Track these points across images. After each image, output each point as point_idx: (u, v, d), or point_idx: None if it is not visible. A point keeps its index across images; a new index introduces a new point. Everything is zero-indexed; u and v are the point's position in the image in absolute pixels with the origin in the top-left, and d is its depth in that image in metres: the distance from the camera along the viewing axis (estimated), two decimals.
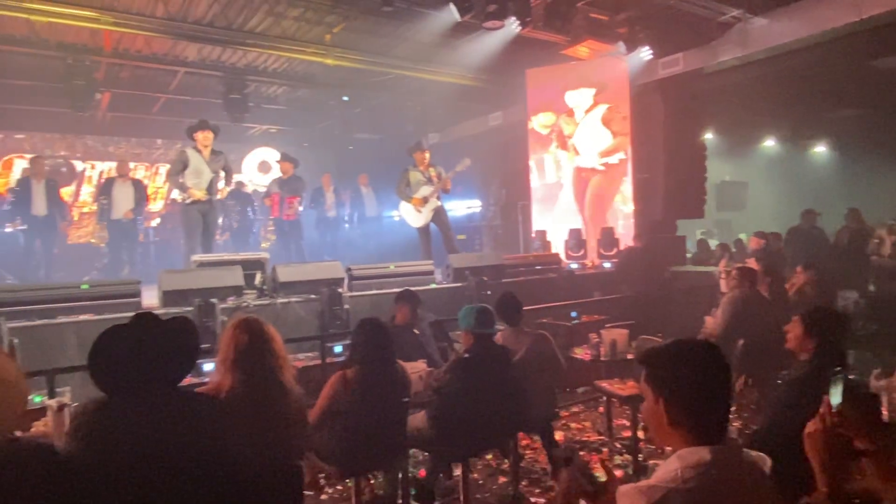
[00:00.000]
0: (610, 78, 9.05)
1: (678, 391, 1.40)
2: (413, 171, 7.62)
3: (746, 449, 1.46)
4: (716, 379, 1.40)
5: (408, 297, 4.71)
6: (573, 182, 9.50)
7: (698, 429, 1.37)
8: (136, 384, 1.63)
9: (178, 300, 4.86)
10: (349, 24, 8.29)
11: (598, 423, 5.15)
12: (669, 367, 1.43)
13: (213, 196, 6.42)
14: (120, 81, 10.08)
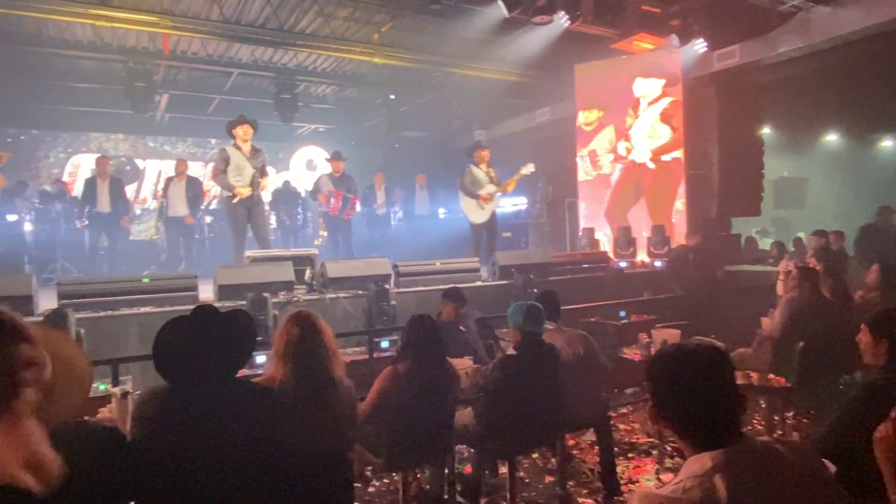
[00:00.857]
0: (662, 71, 8.82)
1: (667, 399, 1.38)
2: (475, 169, 7.69)
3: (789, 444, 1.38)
4: (706, 382, 1.34)
5: (452, 294, 4.72)
6: (622, 176, 9.31)
7: (695, 435, 1.33)
8: (197, 373, 1.69)
9: (232, 294, 5.01)
10: (397, 22, 8.36)
11: (647, 424, 5.03)
12: (659, 375, 1.40)
13: (256, 191, 6.48)
14: (177, 83, 10.47)
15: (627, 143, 9.27)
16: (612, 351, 5.26)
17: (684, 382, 1.35)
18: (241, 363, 1.82)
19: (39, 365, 1.34)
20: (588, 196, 9.61)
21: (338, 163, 8.41)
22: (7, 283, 4.56)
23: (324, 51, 8.86)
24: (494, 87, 10.17)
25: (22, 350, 1.32)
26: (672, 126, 8.84)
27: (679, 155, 8.78)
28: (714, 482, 1.22)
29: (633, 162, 9.23)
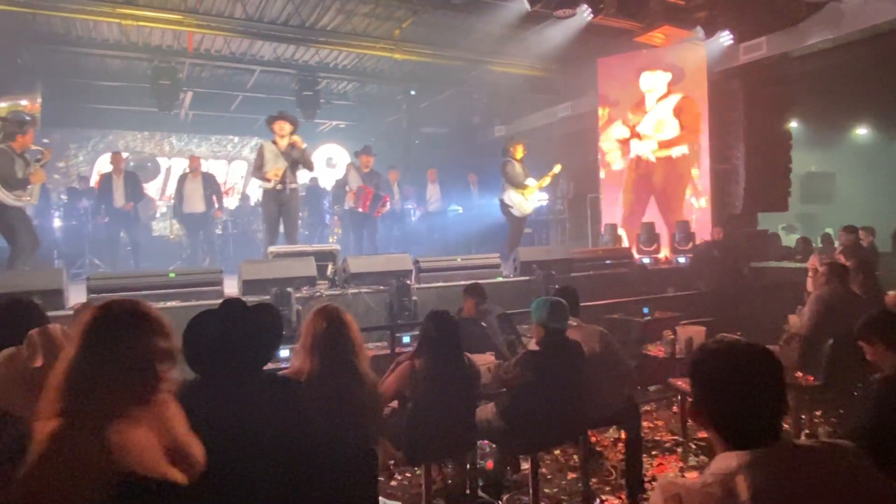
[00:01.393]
0: (686, 65, 8.69)
1: (706, 393, 1.34)
2: (513, 164, 7.69)
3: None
4: (752, 383, 1.30)
5: (472, 290, 4.72)
6: (629, 172, 9.23)
7: (731, 435, 1.30)
8: (225, 365, 1.71)
9: (256, 289, 5.06)
10: (418, 18, 8.36)
11: (671, 422, 4.97)
12: (703, 372, 1.36)
13: (289, 186, 6.48)
14: (201, 81, 10.60)
15: (635, 140, 9.21)
16: (635, 347, 5.21)
17: (729, 381, 1.32)
18: (269, 355, 1.83)
19: (174, 356, 1.42)
20: (609, 191, 9.53)
21: (368, 157, 8.22)
22: (39, 278, 4.67)
23: (345, 47, 8.90)
24: (515, 82, 10.12)
25: (159, 342, 1.39)
26: (681, 122, 8.73)
27: (686, 151, 8.69)
28: (735, 482, 1.20)
29: (640, 158, 9.15)
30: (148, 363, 1.38)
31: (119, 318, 1.41)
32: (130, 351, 1.37)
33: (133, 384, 1.37)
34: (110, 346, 1.36)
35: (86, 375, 1.33)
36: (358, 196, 7.97)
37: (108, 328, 1.39)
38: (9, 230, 5.68)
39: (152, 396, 1.41)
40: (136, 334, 1.40)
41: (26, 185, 5.67)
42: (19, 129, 5.71)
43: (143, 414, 1.39)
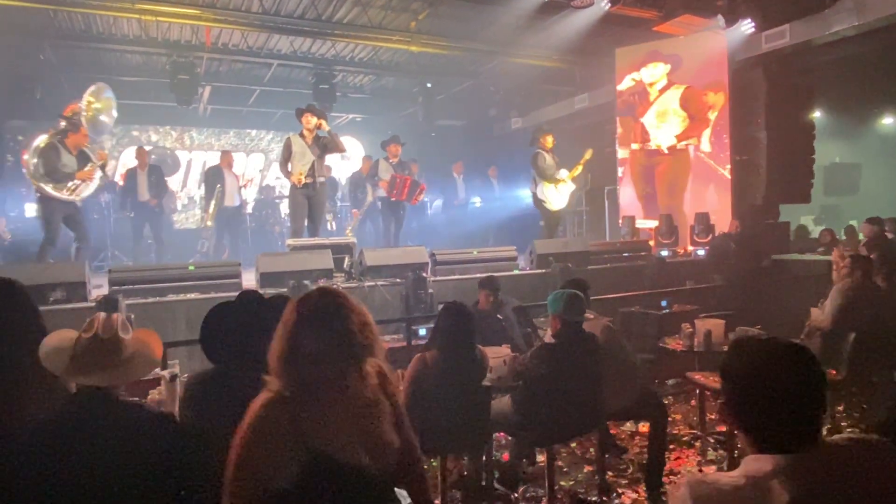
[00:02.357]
0: (706, 54, 8.55)
1: (742, 395, 1.29)
2: (543, 156, 7.62)
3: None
4: (791, 384, 1.24)
5: (486, 283, 4.72)
6: (632, 164, 9.14)
7: (767, 438, 1.25)
8: (243, 356, 1.73)
9: (273, 281, 5.11)
10: (434, 10, 8.32)
11: (689, 416, 4.93)
12: (738, 371, 1.31)
13: (318, 179, 6.48)
14: (219, 75, 10.68)
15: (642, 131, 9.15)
16: (653, 341, 5.17)
17: (768, 384, 1.25)
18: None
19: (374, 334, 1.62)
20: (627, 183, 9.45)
21: (396, 147, 8.10)
22: (62, 271, 4.76)
23: (361, 40, 8.90)
24: (532, 74, 10.05)
25: (354, 320, 1.56)
26: (689, 113, 8.61)
27: (693, 142, 8.58)
28: (770, 487, 1.16)
29: (645, 150, 9.05)
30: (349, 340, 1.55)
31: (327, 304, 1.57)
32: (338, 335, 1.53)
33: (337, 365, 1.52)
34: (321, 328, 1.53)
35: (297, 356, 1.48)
36: (393, 184, 7.85)
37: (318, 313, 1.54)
38: (44, 221, 5.99)
39: (355, 382, 1.56)
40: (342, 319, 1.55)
41: (69, 181, 5.92)
42: (73, 128, 5.98)
43: (343, 398, 1.52)
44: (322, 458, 1.46)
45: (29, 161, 5.84)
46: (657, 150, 9.00)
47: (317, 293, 1.59)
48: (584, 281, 3.90)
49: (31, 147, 5.89)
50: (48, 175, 5.81)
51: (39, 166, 5.79)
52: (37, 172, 5.78)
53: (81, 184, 6.01)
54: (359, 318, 1.57)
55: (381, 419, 1.62)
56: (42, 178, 5.78)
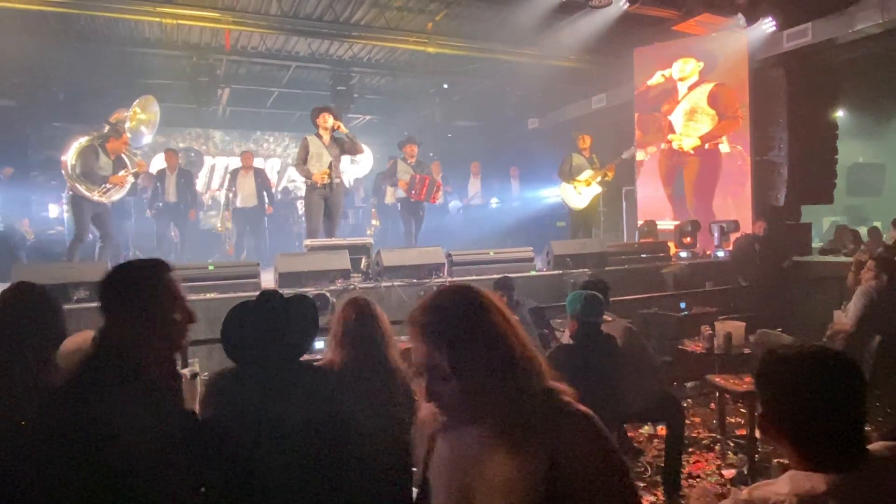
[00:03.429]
0: (725, 53, 8.45)
1: (786, 406, 1.23)
2: (576, 156, 7.78)
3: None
4: (842, 397, 1.20)
5: (500, 283, 4.73)
6: (660, 164, 9.06)
7: (810, 451, 1.20)
8: (263, 355, 1.75)
9: (292, 281, 5.15)
10: (451, 10, 8.33)
11: (709, 419, 4.88)
12: (779, 381, 1.26)
13: (334, 180, 6.50)
14: (238, 78, 10.79)
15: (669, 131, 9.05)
16: (672, 343, 5.13)
17: (815, 394, 1.20)
18: (306, 346, 1.87)
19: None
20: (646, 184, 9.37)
21: (413, 146, 8.14)
22: (86, 270, 4.84)
23: (378, 41, 8.94)
24: (549, 74, 10.00)
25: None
26: (718, 112, 8.51)
27: (722, 140, 8.48)
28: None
29: (672, 149, 8.97)
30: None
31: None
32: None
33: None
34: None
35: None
36: (412, 184, 7.87)
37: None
38: (74, 219, 6.22)
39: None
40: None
41: (103, 183, 6.10)
42: (115, 134, 6.22)
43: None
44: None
45: (67, 161, 5.99)
46: (684, 150, 8.92)
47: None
48: (604, 282, 3.88)
49: (70, 147, 6.04)
50: (84, 176, 5.99)
51: (77, 167, 5.97)
52: (73, 172, 5.97)
53: (113, 188, 6.20)
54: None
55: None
56: (77, 178, 5.96)
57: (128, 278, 1.51)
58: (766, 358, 1.32)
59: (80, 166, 5.98)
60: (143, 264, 1.54)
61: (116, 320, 1.46)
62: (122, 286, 1.49)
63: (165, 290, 1.50)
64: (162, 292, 1.49)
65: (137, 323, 1.45)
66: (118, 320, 1.46)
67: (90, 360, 1.45)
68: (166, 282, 1.50)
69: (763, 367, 1.30)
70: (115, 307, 1.47)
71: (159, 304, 1.48)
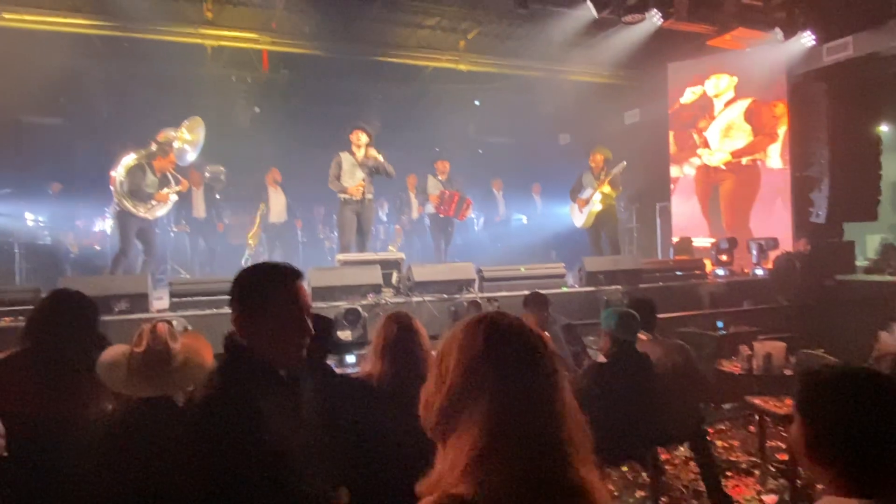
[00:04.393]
0: (762, 68, 8.31)
1: (833, 432, 1.20)
2: (586, 174, 7.75)
3: None
4: (888, 420, 1.16)
5: (531, 300, 4.68)
6: (697, 180, 8.91)
7: (855, 476, 1.16)
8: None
9: (324, 295, 5.21)
10: (483, 29, 8.41)
11: (748, 442, 4.73)
12: (826, 401, 1.22)
13: (366, 196, 6.58)
14: (274, 95, 11.02)
15: (703, 147, 8.91)
16: (708, 363, 5.01)
17: (861, 417, 1.18)
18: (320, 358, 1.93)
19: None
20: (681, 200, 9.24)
21: (444, 163, 8.27)
22: (127, 282, 4.99)
23: (411, 59, 9.06)
24: (581, 90, 9.98)
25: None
26: (754, 128, 8.36)
27: (759, 157, 8.31)
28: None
29: (707, 166, 8.81)
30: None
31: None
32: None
33: None
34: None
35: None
36: (442, 200, 7.95)
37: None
38: (120, 233, 6.40)
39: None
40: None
41: (149, 200, 6.31)
42: (163, 153, 6.43)
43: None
44: None
45: (116, 177, 6.20)
46: (721, 167, 8.78)
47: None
48: (650, 300, 3.81)
49: (119, 164, 6.25)
50: (131, 193, 6.19)
51: (125, 183, 6.17)
52: (121, 189, 6.17)
53: (157, 204, 6.40)
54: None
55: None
56: (125, 194, 6.15)
57: (265, 279, 1.58)
58: (807, 379, 1.29)
59: (129, 183, 6.19)
60: (278, 268, 1.62)
61: (252, 319, 1.53)
62: (259, 286, 1.57)
63: (297, 293, 1.57)
64: (294, 295, 1.56)
65: (272, 322, 1.51)
66: (253, 319, 1.52)
67: (230, 360, 1.53)
68: (298, 286, 1.59)
69: (805, 390, 1.27)
70: (252, 306, 1.54)
71: (291, 306, 1.54)
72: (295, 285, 1.57)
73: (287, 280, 1.57)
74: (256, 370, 1.49)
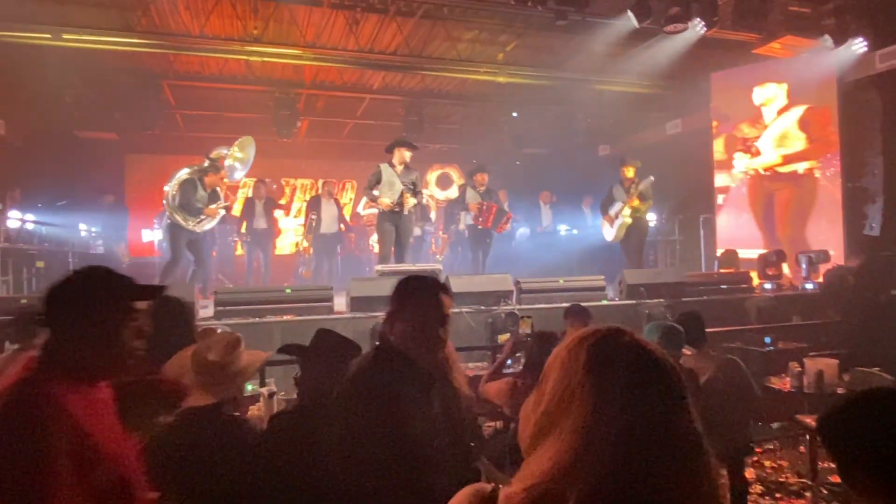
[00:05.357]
0: (811, 76, 8.07)
1: (861, 455, 1.17)
2: (617, 187, 7.66)
3: None
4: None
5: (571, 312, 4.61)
6: (750, 189, 8.66)
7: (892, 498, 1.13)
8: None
9: (363, 306, 5.26)
10: (522, 41, 8.41)
11: (798, 463, 4.55)
12: (849, 425, 1.21)
13: (404, 208, 6.68)
14: (316, 110, 11.28)
15: (746, 156, 8.66)
16: (756, 379, 4.84)
17: (888, 440, 1.15)
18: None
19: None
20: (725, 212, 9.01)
21: (483, 175, 8.29)
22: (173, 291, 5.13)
23: (450, 73, 9.13)
24: (621, 100, 9.87)
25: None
26: (808, 135, 8.09)
27: (815, 165, 8.03)
28: None
29: (760, 175, 8.56)
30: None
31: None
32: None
33: None
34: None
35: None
36: (479, 211, 7.99)
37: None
38: (171, 245, 6.65)
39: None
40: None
41: (199, 215, 6.56)
42: (214, 170, 6.69)
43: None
44: None
45: (169, 191, 6.44)
46: (777, 175, 8.52)
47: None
48: (698, 314, 3.71)
49: (172, 178, 6.51)
50: (182, 207, 6.44)
51: (177, 197, 6.40)
52: (173, 202, 6.40)
53: (206, 219, 6.63)
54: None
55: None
56: (176, 208, 6.38)
57: (421, 286, 1.89)
58: (855, 406, 1.24)
59: (180, 197, 6.43)
60: (427, 278, 1.94)
61: (401, 319, 1.84)
62: (415, 292, 1.88)
63: (440, 299, 1.86)
64: (438, 301, 1.85)
65: (416, 322, 1.83)
66: (403, 319, 1.84)
67: (379, 353, 1.86)
68: (442, 297, 1.87)
69: (824, 426, 1.26)
70: (405, 308, 1.86)
71: (434, 310, 1.84)
72: (440, 296, 1.85)
73: (434, 291, 1.86)
74: (399, 361, 1.79)
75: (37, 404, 1.27)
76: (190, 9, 7.32)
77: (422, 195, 7.01)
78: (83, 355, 1.40)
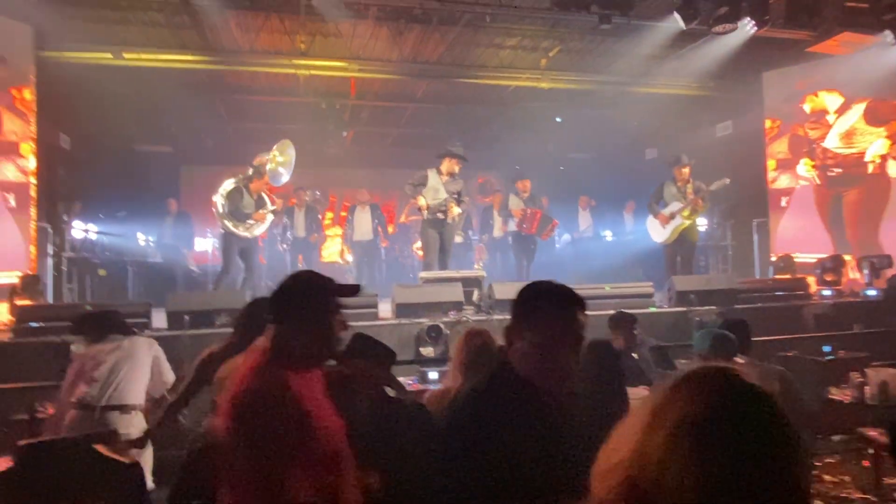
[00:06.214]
0: (870, 72, 7.70)
1: None
2: (669, 186, 7.28)
3: None
4: None
5: (618, 319, 4.52)
6: (816, 191, 8.31)
7: None
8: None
9: (407, 312, 5.31)
10: (565, 46, 8.36)
11: (860, 478, 4.32)
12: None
13: (448, 216, 6.70)
14: (360, 120, 11.49)
15: (809, 160, 8.33)
16: (813, 390, 4.65)
17: None
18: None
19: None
20: (785, 215, 8.69)
21: (525, 182, 8.27)
22: (226, 298, 5.33)
23: (493, 80, 9.14)
24: (670, 102, 9.67)
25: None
26: (878, 132, 7.70)
27: (888, 153, 7.64)
28: None
29: (828, 175, 8.21)
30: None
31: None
32: None
33: None
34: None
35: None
36: (524, 217, 7.95)
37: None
38: (223, 253, 6.96)
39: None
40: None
41: (247, 220, 6.77)
42: (258, 175, 6.89)
43: None
44: None
45: (217, 201, 6.70)
46: (845, 175, 8.14)
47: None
48: (744, 321, 3.60)
49: (219, 189, 6.76)
50: (230, 214, 6.68)
51: (225, 206, 6.65)
52: (222, 211, 6.65)
53: (255, 223, 6.84)
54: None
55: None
56: (225, 216, 6.62)
57: (549, 297, 1.60)
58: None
59: (228, 206, 6.67)
60: (558, 286, 1.63)
61: (522, 337, 1.56)
62: (543, 306, 1.58)
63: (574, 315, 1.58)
64: (572, 317, 1.57)
65: (542, 344, 1.53)
66: (524, 338, 1.55)
67: (495, 379, 1.59)
68: (574, 312, 1.59)
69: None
70: (529, 323, 1.57)
71: (565, 329, 1.56)
72: (574, 312, 1.56)
73: (566, 303, 1.57)
74: (521, 390, 1.52)
75: (272, 388, 1.56)
76: (240, 26, 7.59)
77: (466, 204, 7.01)
78: (304, 345, 1.67)
